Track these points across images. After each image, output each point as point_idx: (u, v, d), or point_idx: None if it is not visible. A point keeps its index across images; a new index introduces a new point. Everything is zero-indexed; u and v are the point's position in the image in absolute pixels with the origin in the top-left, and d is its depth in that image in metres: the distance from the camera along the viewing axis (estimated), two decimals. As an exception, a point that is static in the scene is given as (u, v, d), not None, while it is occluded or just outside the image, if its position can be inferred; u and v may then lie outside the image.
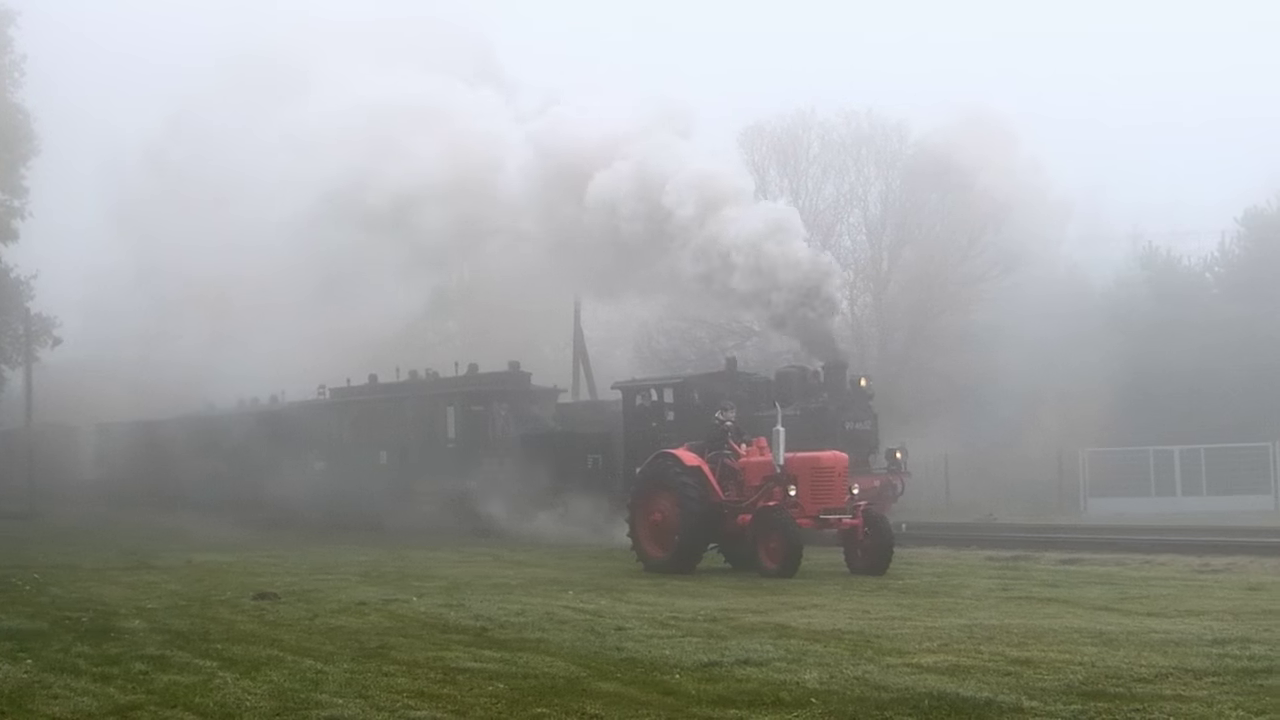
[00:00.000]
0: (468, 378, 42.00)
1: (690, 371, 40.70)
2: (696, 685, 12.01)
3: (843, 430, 32.28)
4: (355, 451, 43.71)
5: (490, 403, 40.46)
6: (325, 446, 44.98)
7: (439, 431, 41.34)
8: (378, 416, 43.69)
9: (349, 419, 44.89)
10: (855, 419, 33.13)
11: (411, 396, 42.96)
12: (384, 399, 43.97)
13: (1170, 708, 10.53)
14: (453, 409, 40.98)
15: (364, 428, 44.10)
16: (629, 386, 37.28)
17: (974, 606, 17.94)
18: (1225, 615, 16.33)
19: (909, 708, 10.80)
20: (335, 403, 45.75)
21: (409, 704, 11.51)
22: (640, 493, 25.44)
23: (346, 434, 44.71)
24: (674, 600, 19.18)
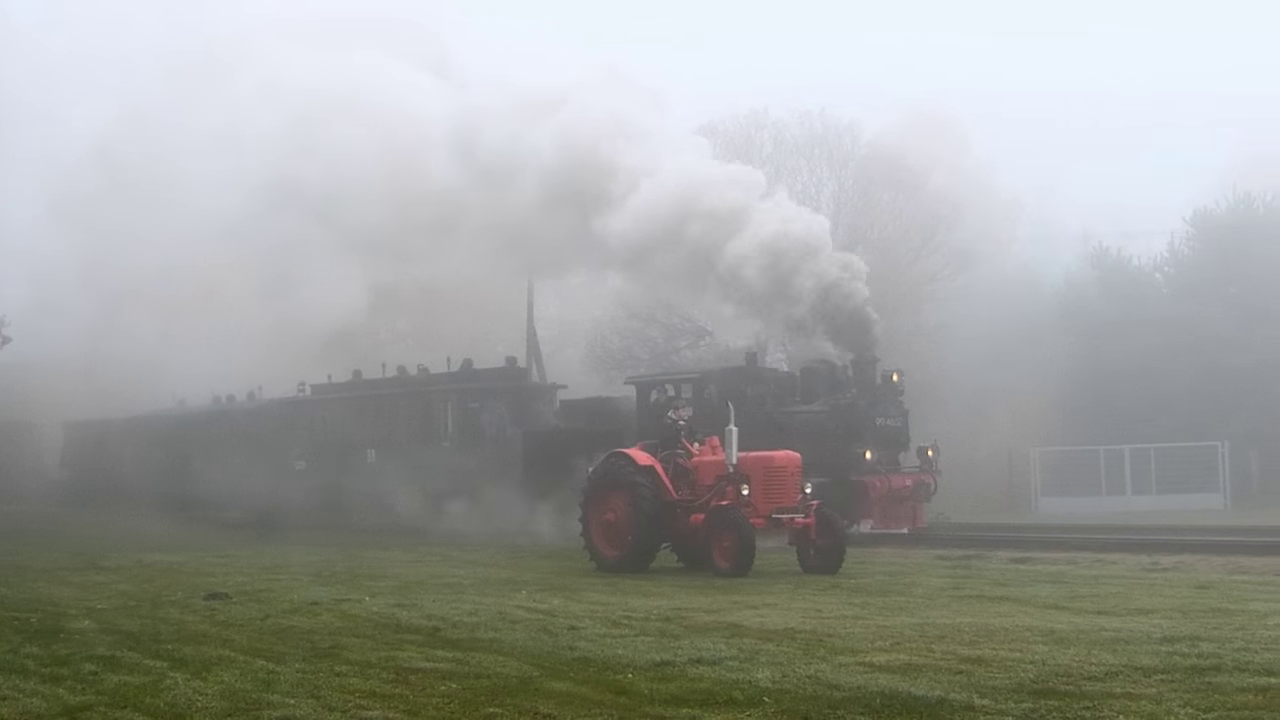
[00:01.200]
0: (464, 373, 41.19)
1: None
2: (649, 684, 12.01)
3: (873, 427, 31.80)
4: (341, 450, 42.44)
5: (487, 399, 39.56)
6: (307, 445, 43.91)
7: (435, 429, 40.28)
8: (366, 413, 42.56)
9: (334, 416, 43.72)
10: (886, 415, 32.35)
11: (403, 393, 41.92)
12: (372, 395, 42.96)
13: (1120, 705, 10.59)
14: (449, 405, 40.00)
15: (350, 425, 42.87)
16: (643, 381, 36.45)
17: (926, 605, 18.00)
18: (1174, 613, 16.42)
19: (861, 706, 10.83)
20: (318, 400, 44.64)
21: (361, 704, 11.47)
22: (593, 492, 25.42)
23: (331, 432, 43.51)
24: (627, 599, 19.17)
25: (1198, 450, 44.96)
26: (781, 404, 33.04)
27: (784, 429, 31.82)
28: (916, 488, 31.81)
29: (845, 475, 30.77)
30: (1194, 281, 52.67)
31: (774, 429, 31.71)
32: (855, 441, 31.26)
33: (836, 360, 33.88)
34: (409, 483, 38.51)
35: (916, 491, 31.74)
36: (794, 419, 32.50)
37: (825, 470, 29.82)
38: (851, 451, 31.33)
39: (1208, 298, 50.50)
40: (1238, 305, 49.87)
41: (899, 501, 31.52)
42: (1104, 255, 55.91)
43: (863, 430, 31.40)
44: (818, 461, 30.05)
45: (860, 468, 31.27)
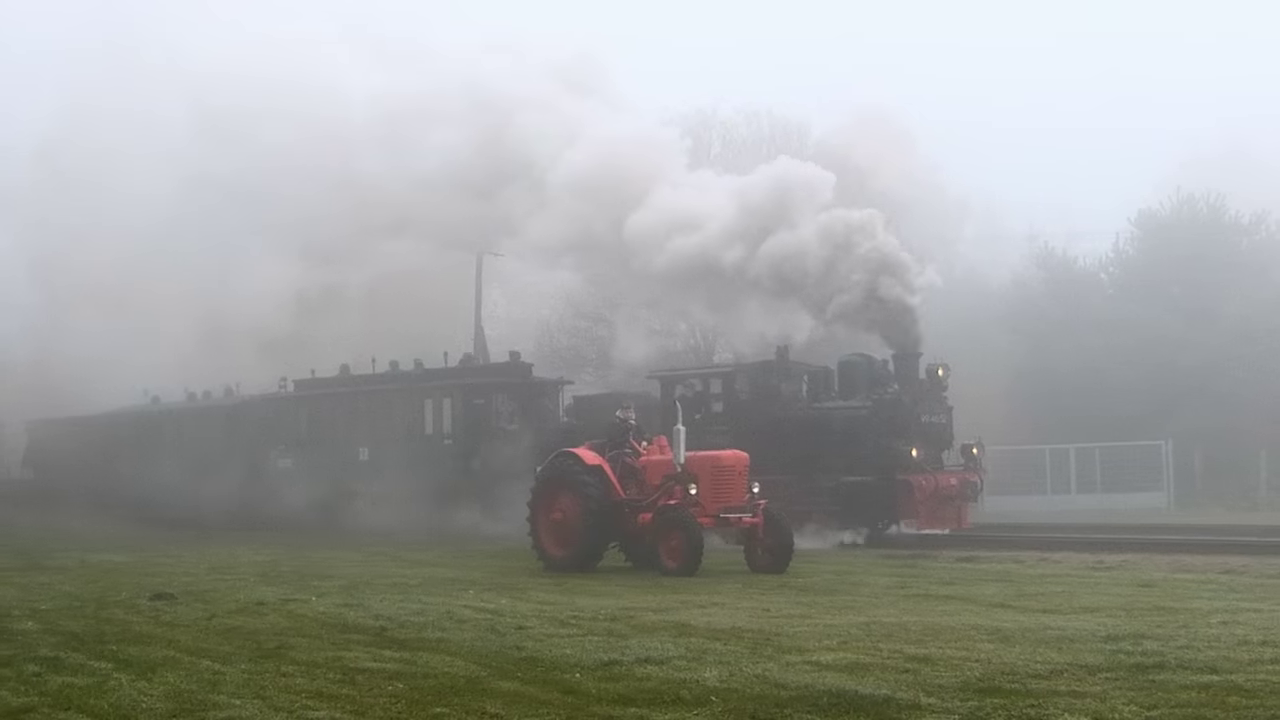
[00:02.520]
0: (468, 368, 40.28)
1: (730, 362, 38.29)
2: (597, 684, 12.00)
3: (918, 424, 30.85)
4: (329, 448, 41.20)
5: (492, 395, 38.38)
6: (292, 442, 42.66)
7: (436, 425, 38.94)
8: (358, 409, 41.25)
9: (321, 413, 42.47)
10: (930, 412, 31.34)
11: (400, 388, 40.52)
12: (365, 391, 41.54)
13: (1065, 703, 10.64)
14: (452, 401, 38.60)
15: (340, 422, 41.65)
16: (668, 376, 35.20)
17: (872, 604, 18.06)
18: (1119, 612, 16.53)
19: (808, 705, 10.85)
20: (303, 396, 43.34)
21: (307, 704, 11.42)
22: (541, 492, 25.37)
23: (318, 429, 42.28)
24: (574, 599, 19.16)
25: (1142, 449, 45.26)
26: (817, 400, 32.25)
27: (821, 426, 31.35)
28: (963, 487, 30.89)
29: (889, 474, 30.04)
30: (1138, 282, 53.04)
31: (810, 426, 31.39)
32: (900, 439, 30.39)
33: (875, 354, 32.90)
34: (408, 481, 37.40)
35: (963, 491, 30.83)
36: (832, 416, 31.71)
37: (868, 469, 29.89)
38: (896, 449, 30.38)
39: (1151, 298, 50.82)
40: (1181, 306, 50.20)
41: (945, 501, 30.50)
42: (1050, 256, 56.23)
43: (907, 427, 30.56)
44: (860, 460, 30.34)
45: (906, 466, 30.23)
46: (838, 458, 30.83)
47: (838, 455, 30.85)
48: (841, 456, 30.76)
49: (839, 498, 30.54)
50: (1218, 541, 26.87)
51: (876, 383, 31.58)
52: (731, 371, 33.99)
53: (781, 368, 33.34)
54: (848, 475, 30.52)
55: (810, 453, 31.07)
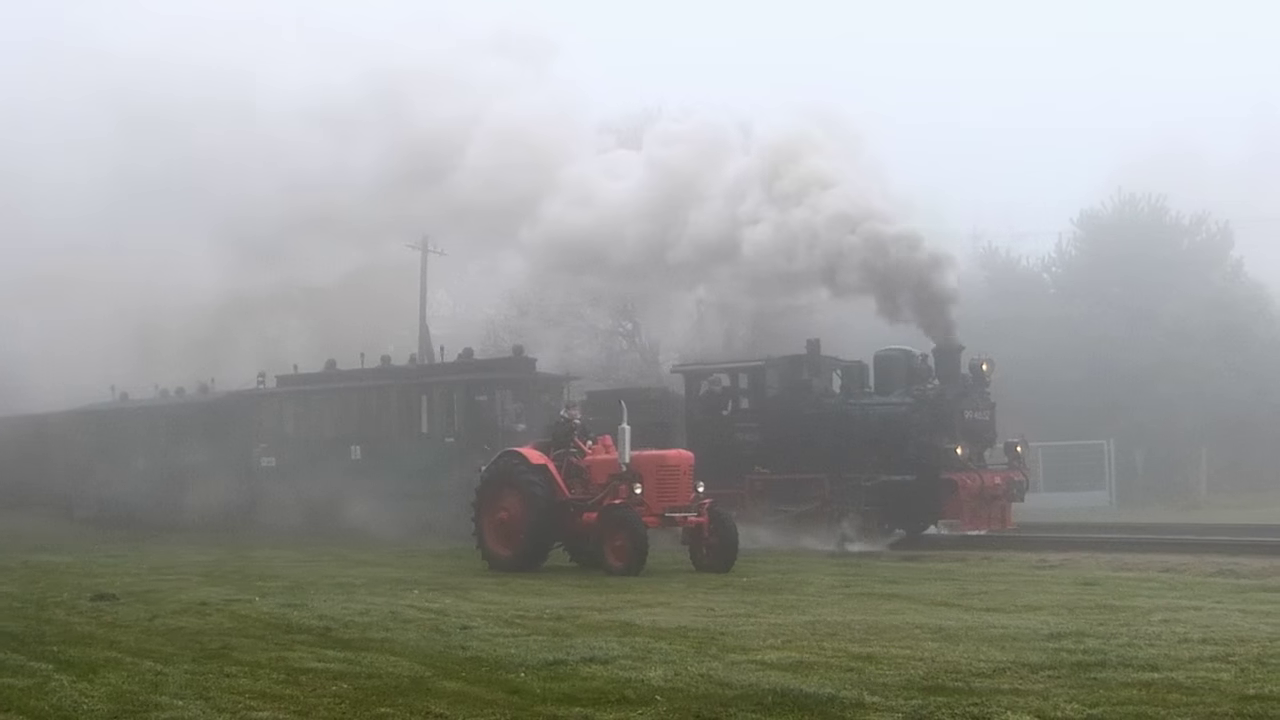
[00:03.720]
0: (470, 363, 38.70)
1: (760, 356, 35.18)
2: (541, 684, 12.00)
3: (962, 420, 29.46)
4: (317, 447, 39.19)
5: (495, 391, 36.58)
6: (275, 441, 40.86)
7: (436, 423, 37.33)
8: (349, 406, 39.61)
9: (309, 410, 40.68)
10: (974, 408, 29.91)
11: (395, 384, 38.85)
12: (357, 387, 39.83)
13: (1008, 701, 10.70)
14: (454, 398, 36.96)
15: (329, 420, 39.97)
16: (693, 371, 33.69)
17: (817, 603, 18.11)
18: (1061, 610, 16.62)
19: (753, 704, 10.87)
20: (289, 392, 41.53)
21: (251, 705, 11.37)
22: (486, 491, 25.32)
23: (305, 427, 40.50)
24: (519, 599, 19.15)
25: (1084, 449, 45.52)
26: (851, 395, 30.88)
27: (857, 423, 30.10)
28: (1009, 486, 29.75)
29: (932, 472, 28.75)
30: (1080, 282, 53.34)
31: (845, 423, 30.19)
32: (943, 436, 29.07)
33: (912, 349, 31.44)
34: (406, 481, 35.96)
35: (1009, 490, 29.70)
36: (870, 412, 30.29)
37: (909, 467, 28.84)
38: (939, 446, 28.95)
39: (1093, 298, 51.15)
40: (1122, 306, 50.53)
41: (989, 501, 29.19)
42: (993, 255, 56.51)
43: (951, 423, 29.24)
44: (900, 457, 29.09)
45: (950, 464, 28.84)
46: (876, 455, 29.47)
47: (876, 453, 29.51)
48: (880, 454, 29.45)
49: (878, 497, 29.13)
50: (1158, 540, 27.00)
51: (915, 378, 30.34)
52: (761, 366, 32.32)
53: (812, 362, 31.95)
54: (887, 474, 29.16)
55: (846, 450, 29.80)
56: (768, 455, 31.03)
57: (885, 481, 29.03)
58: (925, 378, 30.05)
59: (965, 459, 29.04)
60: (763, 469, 30.98)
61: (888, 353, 31.03)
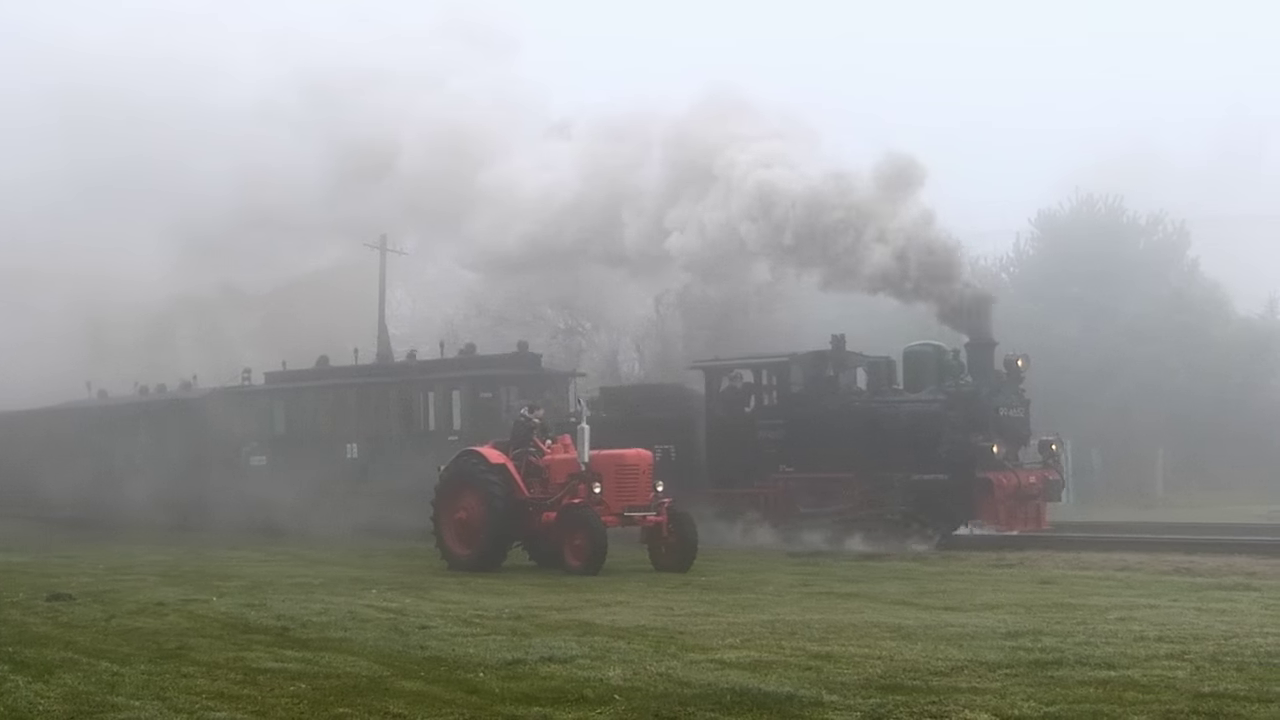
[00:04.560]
0: (472, 359, 37.85)
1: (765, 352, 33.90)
2: (500, 683, 11.99)
3: (996, 417, 28.47)
4: (311, 445, 38.42)
5: (500, 388, 35.79)
6: (266, 440, 40.12)
7: (438, 420, 36.42)
8: (345, 404, 38.79)
9: (301, 407, 39.91)
10: (1009, 404, 28.95)
11: (393, 381, 38.09)
12: (353, 384, 39.09)
13: (965, 700, 10.74)
14: (458, 394, 36.00)
15: (324, 417, 39.17)
16: (714, 366, 32.17)
17: (776, 602, 18.15)
18: (1018, 609, 16.69)
19: (712, 703, 10.88)
20: (279, 389, 40.78)
21: (208, 705, 11.33)
22: (445, 490, 25.28)
23: (297, 425, 39.73)
24: (478, 598, 19.13)
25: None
26: (878, 392, 29.89)
27: (887, 420, 29.04)
28: (1047, 485, 28.91)
29: (967, 471, 27.75)
30: (1038, 281, 53.53)
31: (874, 420, 29.13)
32: (978, 434, 28.14)
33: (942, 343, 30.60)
34: (408, 480, 33.85)
35: (1046, 490, 28.86)
36: (899, 409, 29.22)
37: (942, 466, 27.92)
38: (974, 445, 28.00)
39: (1052, 298, 51.32)
40: (1079, 306, 50.73)
41: (1025, 500, 28.30)
42: (952, 254, 56.58)
43: (985, 421, 28.27)
44: (933, 456, 28.16)
45: (987, 462, 27.89)
46: (907, 454, 28.39)
47: (907, 451, 28.42)
48: (911, 453, 28.38)
49: (909, 497, 28.21)
50: (1115, 539, 27.10)
51: (946, 374, 29.40)
52: (785, 361, 30.98)
53: (837, 357, 30.94)
54: (919, 473, 28.16)
55: (874, 449, 28.70)
56: (793, 453, 30.04)
57: (919, 481, 28.15)
58: (956, 374, 29.25)
59: (1002, 457, 28.26)
60: (787, 468, 30.03)
61: (917, 348, 30.29)
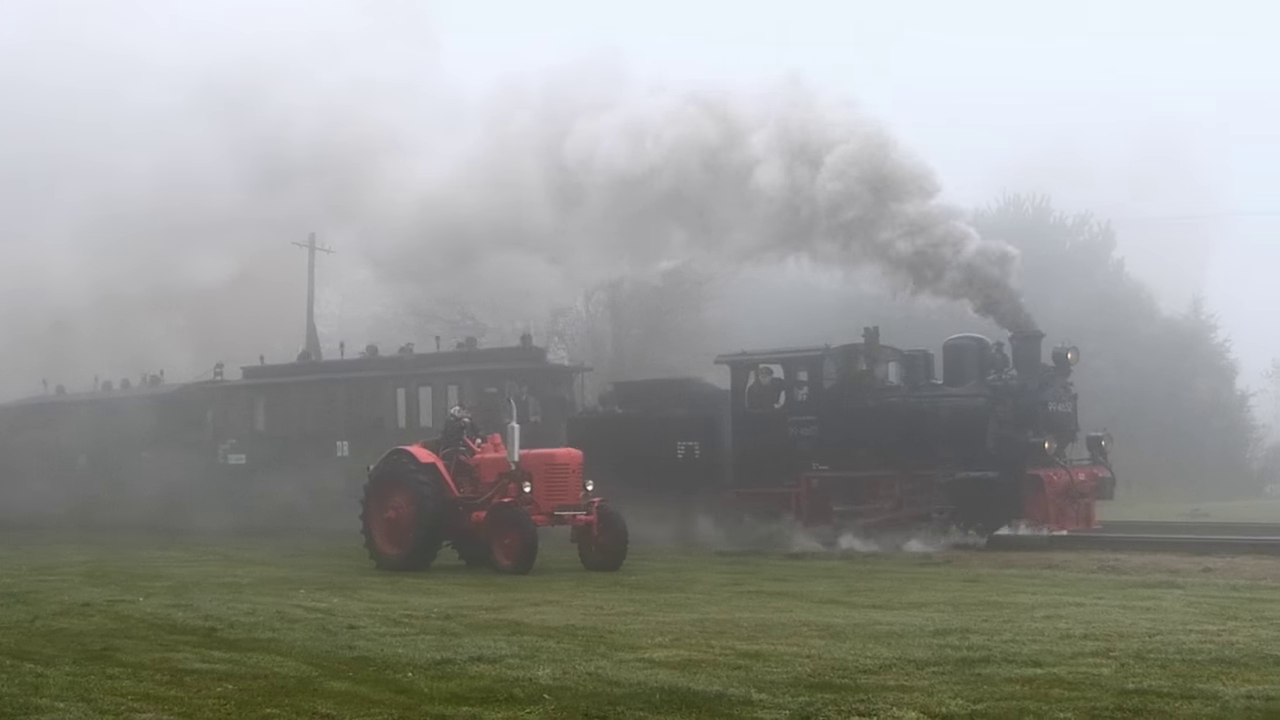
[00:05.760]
0: (475, 353, 37.44)
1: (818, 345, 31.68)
2: (429, 683, 11.95)
3: (1045, 412, 27.35)
4: (296, 442, 37.15)
5: (507, 383, 33.78)
6: (245, 437, 39.07)
7: (437, 419, 33.67)
8: (334, 399, 37.56)
9: (285, 403, 38.80)
10: (1056, 399, 27.71)
11: (390, 375, 36.78)
12: (345, 379, 37.90)
13: (893, 698, 10.79)
14: (460, 390, 34.54)
15: (310, 413, 37.98)
16: (740, 361, 30.66)
17: (705, 601, 18.17)
18: (946, 607, 16.78)
19: (641, 702, 10.89)
20: (259, 384, 39.84)
21: (134, 707, 11.23)
22: (374, 490, 25.19)
23: (280, 421, 38.57)
24: (407, 598, 19.07)
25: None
26: (916, 387, 28.88)
27: (927, 416, 27.93)
28: (1099, 483, 27.84)
29: (1017, 468, 26.69)
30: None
31: (913, 416, 28.05)
32: (1027, 429, 27.16)
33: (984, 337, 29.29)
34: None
35: (1098, 487, 27.81)
36: (942, 404, 28.10)
37: (989, 463, 26.88)
38: (1023, 441, 27.05)
39: (979, 297, 51.65)
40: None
41: (1076, 499, 27.21)
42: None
43: (1034, 416, 27.19)
44: (978, 453, 27.17)
45: (1037, 459, 26.87)
46: (950, 451, 27.43)
47: (950, 448, 27.46)
48: (955, 450, 27.41)
49: (954, 496, 27.17)
50: (1041, 537, 27.18)
51: (987, 367, 28.29)
52: (819, 355, 29.58)
53: (871, 351, 29.53)
54: (964, 470, 27.08)
55: (915, 446, 27.68)
56: (826, 451, 28.77)
57: (964, 479, 27.05)
58: (1000, 367, 28.15)
59: (1052, 454, 27.31)
60: (821, 466, 28.79)
61: (958, 341, 29.14)
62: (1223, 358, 64.62)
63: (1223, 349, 64.68)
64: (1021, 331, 28.03)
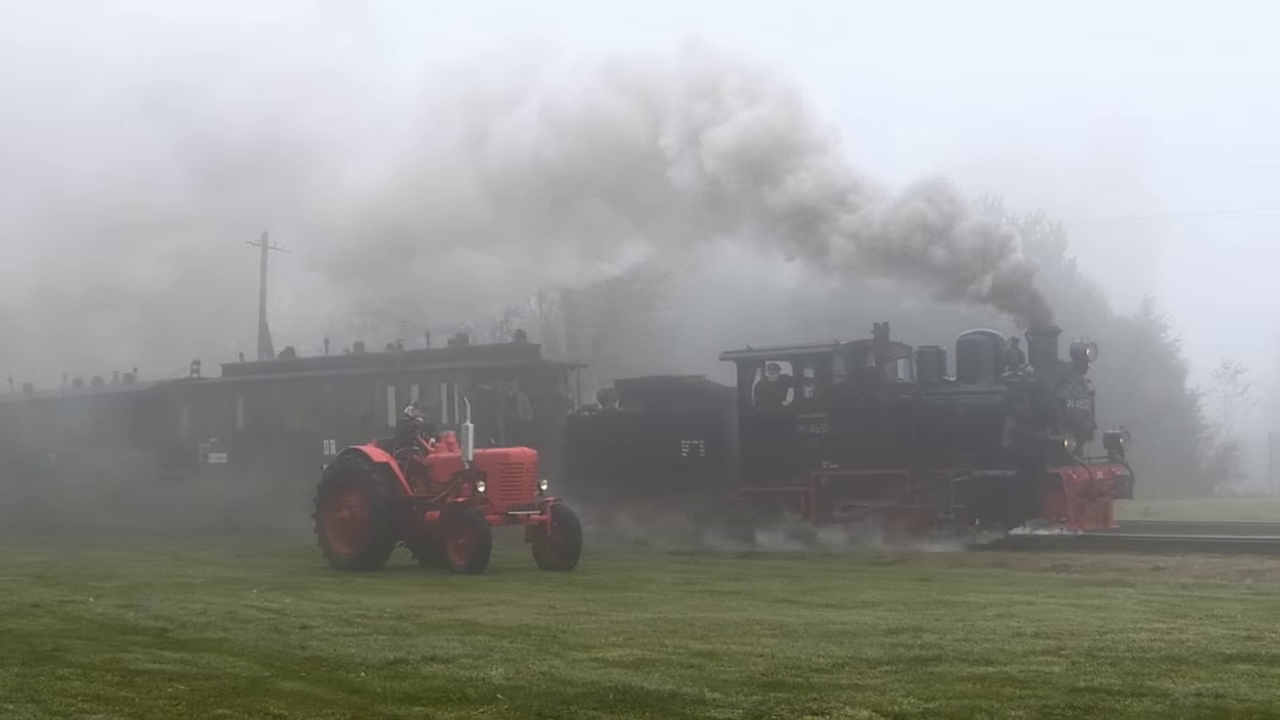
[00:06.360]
0: (468, 349, 36.44)
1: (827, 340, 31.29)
2: (382, 683, 11.92)
3: (1064, 409, 26.86)
4: (280, 441, 36.24)
5: (499, 380, 33.44)
6: (226, 436, 38.09)
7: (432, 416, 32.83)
8: (321, 397, 36.77)
9: (268, 401, 37.95)
10: (1074, 396, 27.24)
11: (380, 372, 35.91)
12: (331, 376, 37.13)
13: (846, 696, 10.81)
14: (454, 387, 33.49)
15: (294, 412, 37.25)
16: (746, 357, 29.98)
17: (659, 601, 18.19)
18: (898, 606, 16.84)
19: (594, 702, 10.88)
20: (240, 381, 39.14)
21: (84, 708, 11.16)
22: (327, 489, 25.11)
23: (262, 420, 37.74)
24: (360, 598, 19.01)
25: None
26: (929, 384, 28.15)
27: (942, 413, 27.46)
28: (1118, 481, 27.38)
29: (1036, 467, 26.34)
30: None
31: (927, 413, 27.45)
32: (1046, 426, 26.72)
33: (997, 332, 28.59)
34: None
35: (1117, 486, 27.33)
36: (956, 401, 27.59)
37: (1007, 461, 26.50)
38: (1042, 438, 26.64)
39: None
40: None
41: (1095, 497, 26.68)
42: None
43: (1053, 413, 26.74)
44: (995, 451, 26.76)
45: (1057, 457, 26.43)
46: (965, 449, 26.92)
47: (965, 446, 26.95)
48: (971, 448, 26.93)
49: (970, 494, 26.56)
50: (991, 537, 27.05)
51: (1003, 363, 27.70)
52: (829, 352, 29.18)
53: (880, 348, 29.07)
54: (981, 469, 26.58)
55: (929, 443, 27.15)
56: (837, 449, 28.15)
57: (981, 477, 26.51)
58: (1015, 363, 27.59)
59: (1072, 452, 26.85)
60: (831, 464, 28.20)
61: (972, 337, 28.42)
62: (1173, 357, 65.17)
63: (1173, 349, 65.23)
64: (1038, 327, 27.58)
